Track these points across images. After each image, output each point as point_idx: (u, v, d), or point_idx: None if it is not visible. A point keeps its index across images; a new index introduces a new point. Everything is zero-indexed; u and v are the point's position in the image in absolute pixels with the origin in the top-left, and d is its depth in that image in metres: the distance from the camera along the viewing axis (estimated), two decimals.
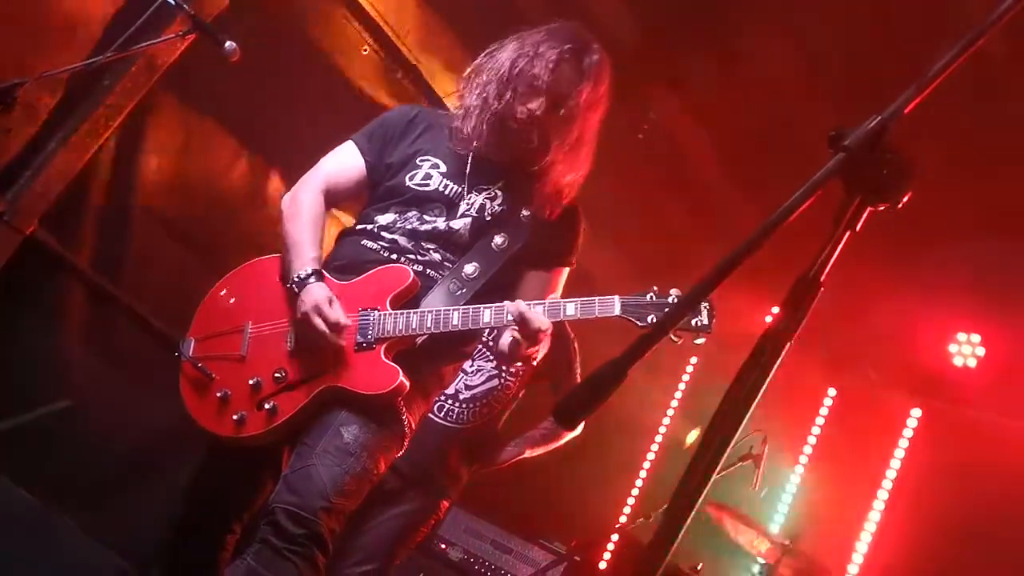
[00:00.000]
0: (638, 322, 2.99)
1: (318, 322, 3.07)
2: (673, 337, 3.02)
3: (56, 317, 5.15)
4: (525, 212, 3.33)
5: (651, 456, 7.63)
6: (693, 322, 3.01)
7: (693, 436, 7.06)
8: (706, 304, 3.02)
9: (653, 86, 6.30)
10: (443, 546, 5.80)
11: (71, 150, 4.99)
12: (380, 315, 3.13)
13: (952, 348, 6.46)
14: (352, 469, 2.99)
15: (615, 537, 6.96)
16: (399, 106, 3.64)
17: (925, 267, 6.03)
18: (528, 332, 3.01)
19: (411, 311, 3.13)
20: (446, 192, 3.33)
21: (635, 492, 7.53)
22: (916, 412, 6.69)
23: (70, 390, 5.05)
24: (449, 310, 3.10)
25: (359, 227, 3.37)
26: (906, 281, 6.12)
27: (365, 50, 5.84)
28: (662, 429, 7.71)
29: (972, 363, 6.39)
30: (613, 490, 7.48)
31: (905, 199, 1.63)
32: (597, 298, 3.04)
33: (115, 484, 5.19)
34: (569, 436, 4.85)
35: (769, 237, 1.54)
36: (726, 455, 1.56)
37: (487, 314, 3.06)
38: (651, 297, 3.05)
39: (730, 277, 1.54)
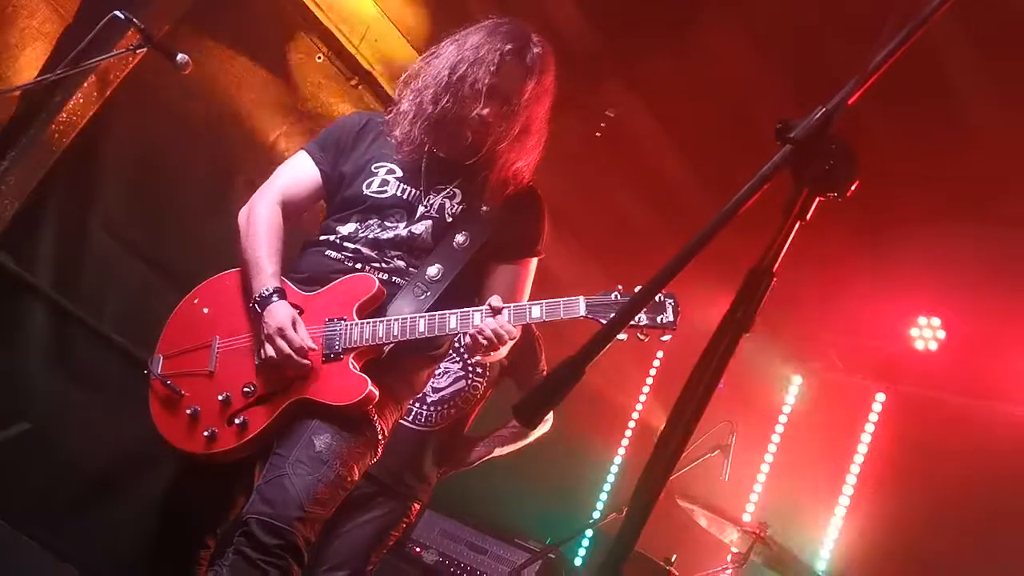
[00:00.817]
0: (603, 321, 3.00)
1: (281, 344, 3.07)
2: (640, 335, 3.04)
3: (16, 338, 5.10)
4: (484, 208, 3.32)
5: (622, 451, 7.67)
6: (659, 319, 3.02)
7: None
8: (671, 301, 3.04)
9: (609, 84, 6.32)
10: (418, 549, 5.80)
11: (25, 168, 4.95)
12: (347, 325, 3.13)
13: (913, 332, 6.52)
14: (325, 477, 2.99)
15: (590, 532, 7.00)
16: (349, 114, 3.62)
17: (884, 253, 6.10)
18: (493, 345, 3.03)
19: (377, 320, 3.13)
20: (404, 196, 3.33)
21: (607, 487, 7.56)
22: (880, 397, 6.76)
23: (31, 412, 5.00)
24: (416, 317, 3.10)
25: (321, 238, 3.36)
26: (865, 268, 6.18)
27: (320, 58, 5.83)
28: (631, 424, 7.75)
29: (933, 346, 6.45)
30: (586, 485, 7.51)
31: (852, 187, 1.66)
32: (562, 300, 3.05)
33: (81, 504, 5.14)
34: (538, 433, 4.87)
35: (721, 230, 1.57)
36: (687, 448, 1.58)
37: (453, 320, 3.07)
38: (616, 296, 3.06)
39: (689, 268, 1.57)
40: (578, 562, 7.09)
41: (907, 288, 6.27)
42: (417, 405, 4.53)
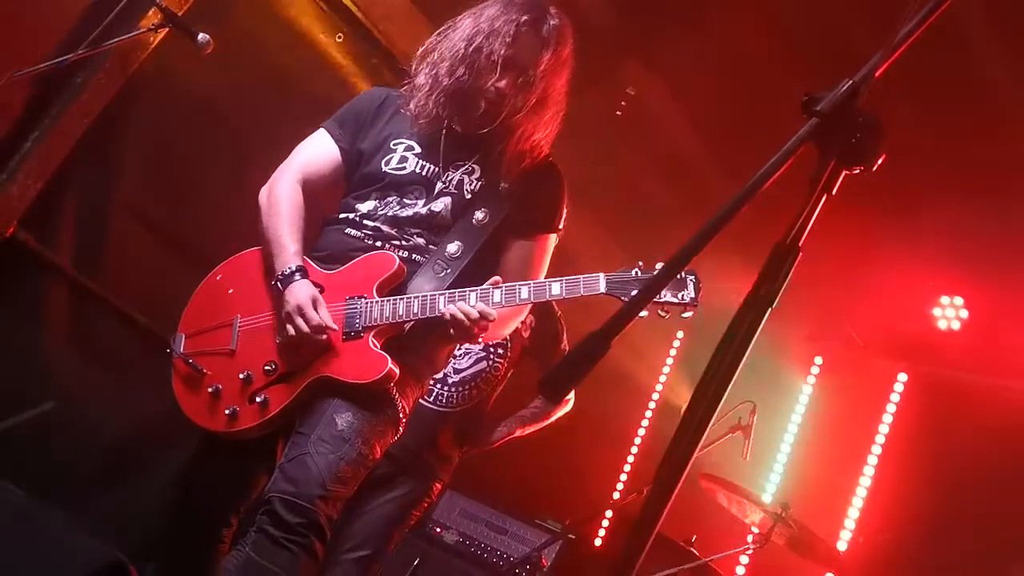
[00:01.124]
0: (624, 299, 2.97)
1: (300, 323, 3.07)
2: (661, 312, 3.02)
3: (39, 317, 5.13)
4: (503, 184, 3.30)
5: (642, 432, 7.65)
6: (679, 296, 3.00)
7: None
8: (692, 277, 3.02)
9: (629, 63, 6.29)
10: (438, 530, 5.81)
11: (46, 149, 4.97)
12: (367, 303, 3.12)
13: (936, 312, 6.47)
14: (347, 456, 2.99)
15: (609, 513, 7.00)
16: (368, 90, 3.61)
17: (906, 233, 6.05)
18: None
19: (397, 297, 3.12)
20: (423, 173, 3.31)
21: (627, 468, 7.55)
22: (902, 376, 6.71)
23: (55, 390, 5.03)
24: (435, 295, 3.09)
25: (341, 216, 3.35)
26: (888, 246, 6.13)
27: (340, 37, 5.81)
28: (652, 404, 7.72)
29: (956, 326, 6.40)
30: (606, 466, 7.50)
31: (879, 161, 1.65)
32: (582, 276, 3.03)
33: (104, 483, 5.20)
34: (560, 413, 4.88)
35: (744, 205, 1.55)
36: (710, 426, 1.56)
37: (472, 297, 3.05)
38: (636, 273, 3.03)
39: (713, 244, 1.56)
40: (598, 543, 7.09)
41: (930, 267, 6.23)
42: (439, 386, 4.53)
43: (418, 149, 3.35)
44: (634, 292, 2.95)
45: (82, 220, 5.23)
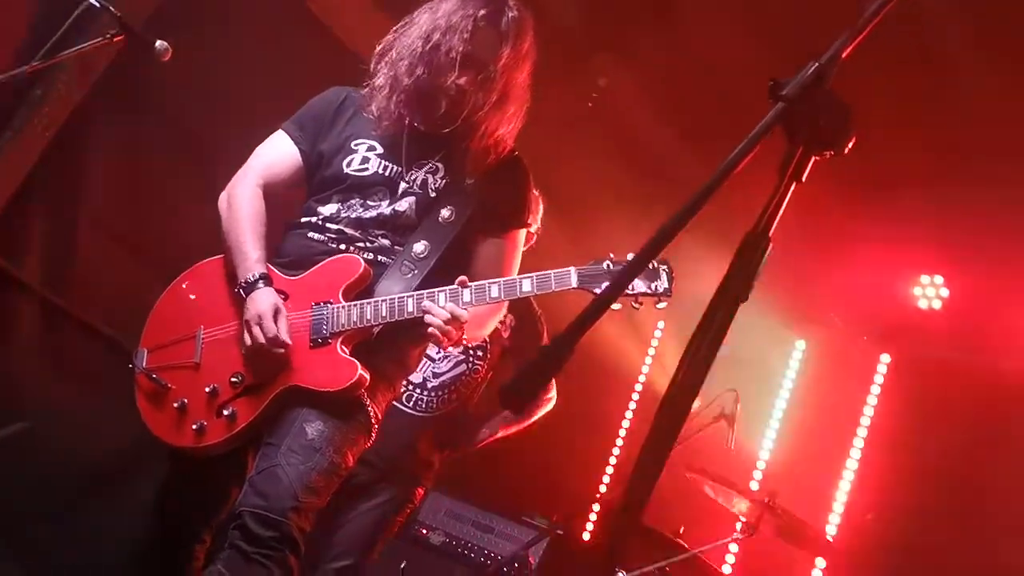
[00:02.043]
0: (596, 291, 2.91)
1: (257, 333, 3.00)
2: (634, 304, 2.97)
3: (7, 335, 5.05)
4: (469, 180, 3.23)
5: (626, 423, 7.60)
6: (653, 286, 2.94)
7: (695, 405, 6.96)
8: (665, 268, 2.96)
9: (599, 55, 6.24)
10: (424, 531, 5.76)
11: (7, 165, 4.89)
12: (334, 308, 3.05)
13: (916, 291, 6.45)
14: (319, 465, 2.92)
15: (597, 507, 6.95)
16: (327, 91, 3.50)
17: (883, 214, 6.02)
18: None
19: (365, 301, 3.04)
20: (386, 174, 3.24)
21: (613, 460, 7.50)
22: (885, 358, 6.68)
23: (26, 410, 4.95)
24: (403, 297, 3.01)
25: (303, 220, 3.27)
26: (865, 229, 6.11)
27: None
28: (635, 395, 7.67)
29: (937, 305, 6.38)
30: (592, 459, 7.45)
31: (849, 144, 1.59)
32: (553, 272, 2.96)
33: (81, 498, 5.12)
34: (543, 411, 4.82)
35: (712, 194, 1.50)
36: (686, 420, 1.51)
37: (441, 297, 2.98)
38: (608, 265, 2.97)
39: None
40: (586, 537, 7.04)
41: (908, 247, 6.20)
42: (418, 391, 4.46)
43: (380, 149, 3.27)
44: (605, 285, 2.90)
45: (48, 235, 5.15)
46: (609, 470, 7.42)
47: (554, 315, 4.74)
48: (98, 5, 3.94)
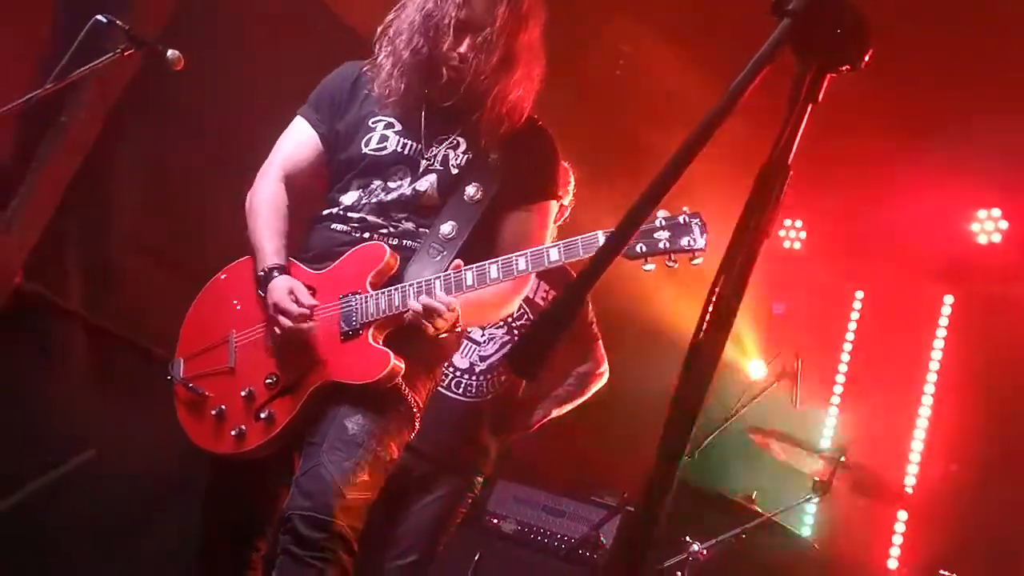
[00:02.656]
0: (628, 258, 2.78)
1: (283, 320, 2.94)
2: (668, 262, 2.83)
3: (60, 365, 5.06)
4: (493, 155, 3.12)
5: None
6: (684, 242, 2.79)
7: (756, 366, 6.80)
8: (696, 220, 2.81)
9: (620, 20, 6.11)
10: (495, 521, 5.70)
11: (40, 194, 4.89)
12: (362, 298, 2.96)
13: (974, 227, 6.24)
14: (363, 460, 2.85)
15: None
16: (339, 68, 3.39)
17: (932, 150, 5.84)
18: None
19: (393, 288, 2.95)
20: (405, 152, 3.14)
21: None
22: (948, 299, 6.46)
23: (89, 438, 4.97)
24: (431, 280, 2.91)
25: (325, 212, 3.19)
26: (915, 167, 5.93)
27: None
28: None
29: (997, 238, 6.17)
30: (657, 430, 7.31)
31: (866, 57, 1.46)
32: (579, 237, 2.84)
33: (148, 519, 5.11)
34: (596, 386, 4.73)
35: (719, 124, 1.38)
36: (717, 365, 1.39)
37: (469, 277, 2.88)
38: None
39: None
40: None
41: (962, 182, 5.99)
42: (466, 377, 4.38)
43: (398, 126, 3.18)
44: (639, 246, 2.77)
45: (87, 259, 5.15)
46: None
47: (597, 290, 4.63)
48: (105, 21, 3.92)
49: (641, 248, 2.79)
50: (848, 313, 6.90)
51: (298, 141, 3.29)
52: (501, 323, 4.37)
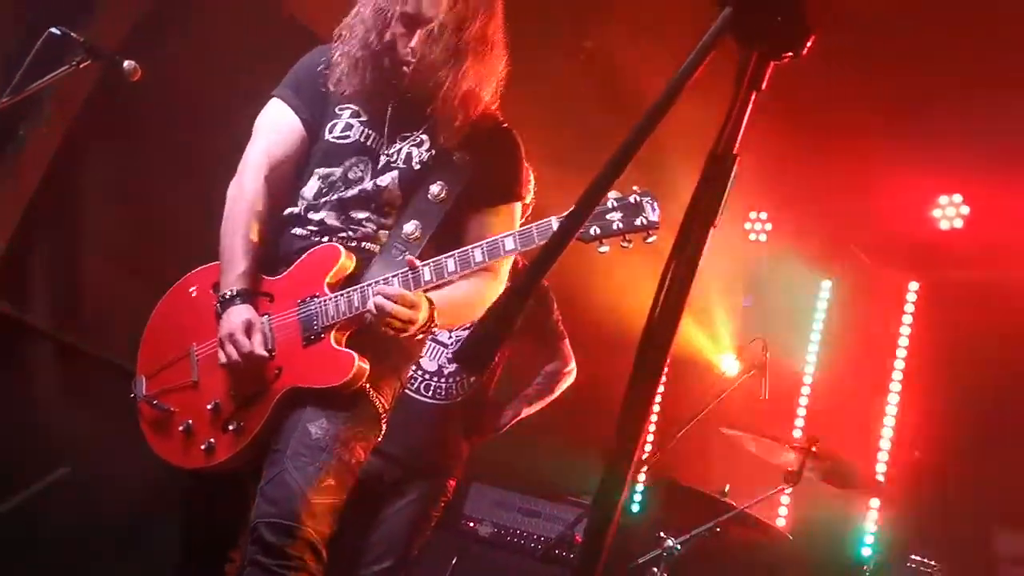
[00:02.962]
0: (582, 241, 2.75)
1: (230, 351, 2.90)
2: (623, 243, 2.78)
3: (29, 383, 5.02)
4: (457, 154, 3.08)
5: (660, 387, 7.47)
6: (637, 221, 2.74)
7: (729, 362, 6.84)
8: (648, 199, 2.76)
9: (589, 18, 6.13)
10: (472, 524, 5.72)
11: (1, 210, 4.85)
12: (321, 301, 2.93)
13: (936, 213, 6.29)
14: (327, 465, 2.82)
15: (642, 477, 6.85)
16: (312, 51, 3.28)
17: (893, 138, 5.89)
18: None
19: (352, 289, 2.92)
20: (367, 143, 3.09)
21: (651, 427, 7.37)
22: (914, 286, 6.52)
23: (64, 455, 4.93)
24: (389, 277, 2.88)
25: (287, 212, 3.12)
26: (878, 155, 5.97)
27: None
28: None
29: (959, 224, 6.22)
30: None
31: (808, 44, 1.48)
32: (534, 225, 2.80)
33: (129, 536, 5.08)
34: (564, 385, 4.74)
35: (664, 114, 1.39)
36: (668, 356, 1.40)
37: (427, 272, 2.86)
38: None
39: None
40: (635, 508, 6.95)
41: (923, 169, 6.04)
42: (435, 379, 4.38)
43: (364, 116, 3.12)
44: (593, 229, 2.74)
45: (53, 275, 5.11)
46: (649, 437, 7.29)
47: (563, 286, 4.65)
48: (59, 33, 3.90)
49: (595, 231, 2.76)
50: (816, 303, 6.95)
51: (280, 129, 3.16)
52: (469, 325, 4.36)
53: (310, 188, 3.09)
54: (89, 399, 5.14)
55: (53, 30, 3.89)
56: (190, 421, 3.03)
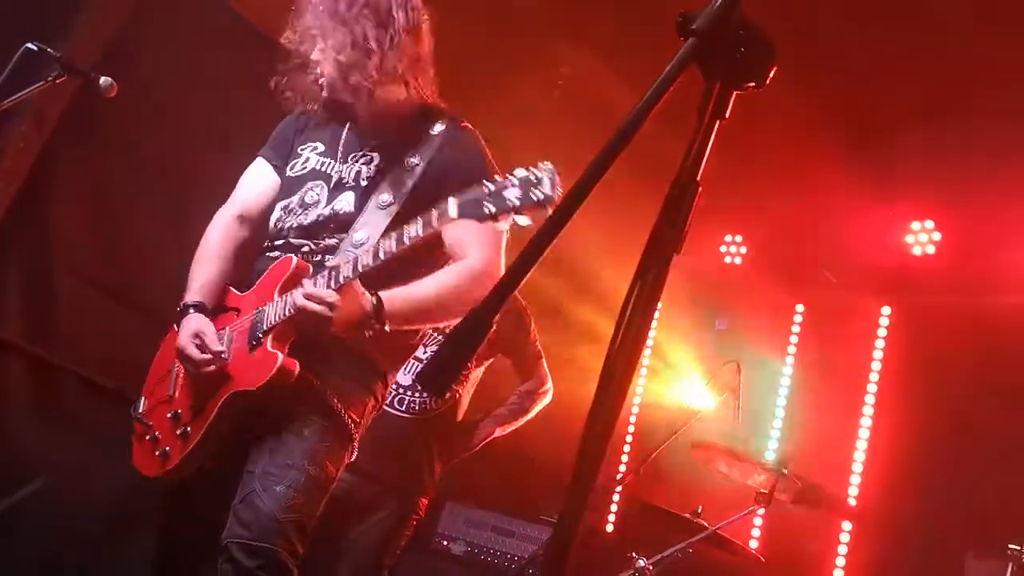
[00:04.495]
0: (477, 220, 2.62)
1: (188, 365, 3.00)
2: (519, 219, 2.60)
3: (1, 397, 5.00)
4: (411, 159, 3.11)
5: (635, 409, 7.48)
6: (533, 195, 2.55)
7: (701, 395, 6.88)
8: (548, 172, 2.56)
9: (558, 43, 6.17)
10: (445, 543, 5.71)
11: None
12: (265, 308, 2.98)
13: (908, 239, 6.35)
14: (296, 482, 2.83)
15: (616, 496, 6.86)
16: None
17: (865, 165, 5.95)
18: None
19: (288, 294, 2.93)
20: (322, 169, 3.19)
21: (627, 448, 7.39)
22: (886, 310, 6.57)
23: (35, 470, 4.91)
24: (316, 279, 2.90)
25: (263, 245, 3.24)
26: (850, 183, 6.02)
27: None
28: (643, 373, 7.51)
29: (931, 249, 6.27)
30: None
31: (770, 74, 1.50)
32: (434, 209, 2.71)
33: (100, 550, 5.06)
34: (539, 406, 4.74)
35: (626, 143, 1.41)
36: (629, 386, 1.42)
37: (347, 268, 2.84)
38: (487, 187, 2.61)
39: None
40: (609, 528, 6.96)
41: (895, 196, 6.13)
42: (408, 393, 4.39)
43: (321, 148, 3.24)
44: (489, 207, 2.58)
45: (26, 290, 5.09)
46: (624, 458, 7.31)
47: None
48: (35, 48, 3.90)
49: (489, 209, 2.60)
50: (790, 327, 6.99)
51: (256, 178, 3.35)
52: (441, 338, 4.36)
53: (273, 218, 3.21)
54: (61, 413, 5.13)
55: (30, 45, 3.89)
56: (157, 432, 3.10)
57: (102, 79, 3.98)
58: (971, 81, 5.49)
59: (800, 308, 6.99)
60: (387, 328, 2.89)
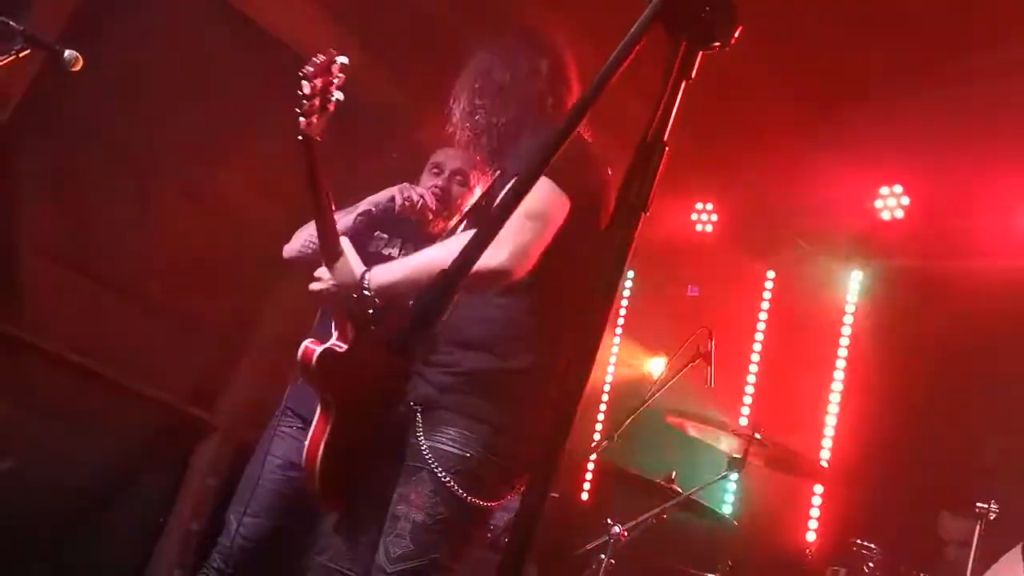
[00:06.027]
0: None
1: None
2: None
3: None
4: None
5: (609, 377, 7.52)
6: None
7: (656, 365, 6.96)
8: None
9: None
10: None
11: None
12: None
13: (878, 204, 6.38)
14: None
15: (591, 465, 6.89)
16: None
17: (832, 132, 5.98)
18: None
19: None
20: None
21: (600, 417, 7.43)
22: (856, 275, 6.62)
23: (6, 447, 4.88)
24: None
25: None
26: (818, 149, 6.06)
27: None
28: (615, 340, 7.56)
29: (900, 214, 6.31)
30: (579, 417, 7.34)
31: (736, 34, 1.50)
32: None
33: (69, 530, 5.04)
34: None
35: (591, 106, 1.41)
36: (599, 345, 1.42)
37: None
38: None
39: None
40: (584, 497, 7.00)
41: (863, 162, 6.14)
42: None
43: None
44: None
45: None
46: (598, 426, 7.35)
47: None
48: None
49: None
50: (761, 292, 7.02)
51: None
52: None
53: None
54: (28, 391, 5.10)
55: None
56: None
57: (67, 52, 3.89)
58: (937, 45, 5.51)
59: (771, 275, 7.03)
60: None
